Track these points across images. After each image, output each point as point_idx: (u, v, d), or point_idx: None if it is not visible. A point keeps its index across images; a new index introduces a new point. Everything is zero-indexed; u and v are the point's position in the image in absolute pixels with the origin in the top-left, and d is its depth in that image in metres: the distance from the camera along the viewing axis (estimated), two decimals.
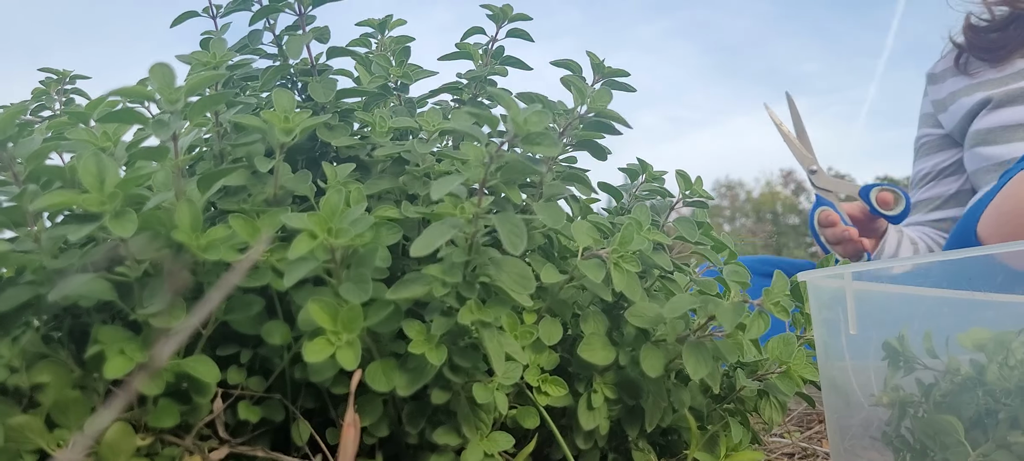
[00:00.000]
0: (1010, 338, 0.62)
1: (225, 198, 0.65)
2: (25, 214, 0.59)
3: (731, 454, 0.73)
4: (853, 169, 21.74)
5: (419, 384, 0.59)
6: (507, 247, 0.55)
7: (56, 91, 0.73)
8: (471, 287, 0.58)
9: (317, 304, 0.55)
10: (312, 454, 0.66)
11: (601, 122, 0.67)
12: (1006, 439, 0.60)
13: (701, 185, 0.73)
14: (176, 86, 0.55)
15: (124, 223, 0.51)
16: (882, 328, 0.67)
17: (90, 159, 0.52)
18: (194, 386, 0.60)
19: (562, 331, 0.67)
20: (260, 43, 0.74)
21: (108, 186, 0.52)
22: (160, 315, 0.54)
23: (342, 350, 0.55)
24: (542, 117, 0.55)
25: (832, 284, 0.69)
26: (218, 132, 0.69)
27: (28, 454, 0.58)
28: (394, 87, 0.76)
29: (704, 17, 46.20)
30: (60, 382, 0.59)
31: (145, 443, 0.61)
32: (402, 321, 0.59)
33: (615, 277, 0.62)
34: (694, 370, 0.65)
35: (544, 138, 0.55)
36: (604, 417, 0.67)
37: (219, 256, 0.55)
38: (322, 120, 0.67)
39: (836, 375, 0.70)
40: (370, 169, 0.73)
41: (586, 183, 0.72)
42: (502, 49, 0.79)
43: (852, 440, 0.69)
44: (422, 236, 0.55)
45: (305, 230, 0.54)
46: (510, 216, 0.57)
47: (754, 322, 0.68)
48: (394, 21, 0.84)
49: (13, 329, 0.61)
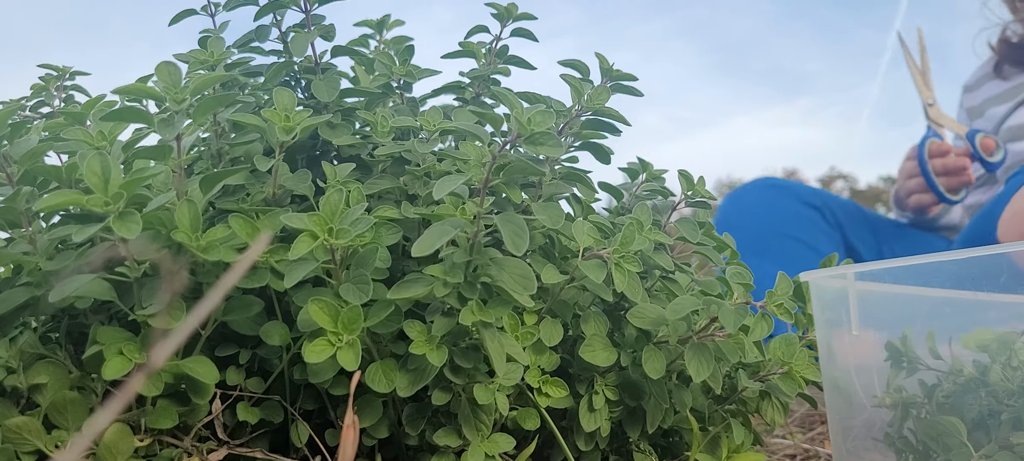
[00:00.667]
0: (1013, 338, 0.62)
1: (223, 197, 0.64)
2: (20, 215, 0.59)
3: (733, 455, 0.72)
4: (856, 169, 21.91)
5: (420, 385, 0.59)
6: (509, 247, 0.55)
7: (55, 88, 0.73)
8: (472, 288, 0.58)
9: (317, 305, 0.54)
10: (311, 455, 0.65)
11: (600, 121, 0.67)
12: (1009, 440, 0.59)
13: (703, 185, 0.73)
14: (181, 85, 0.55)
15: (129, 225, 0.50)
16: (885, 328, 0.67)
17: (94, 159, 0.51)
18: (193, 387, 0.59)
19: (563, 332, 0.67)
20: (267, 39, 0.74)
21: (112, 186, 0.51)
22: (159, 315, 0.54)
23: (342, 351, 0.54)
24: (546, 117, 0.55)
25: (834, 284, 0.68)
26: (216, 131, 0.69)
27: (26, 455, 0.58)
28: (397, 86, 0.76)
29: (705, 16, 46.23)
30: (58, 383, 0.59)
31: (143, 444, 0.60)
32: (403, 322, 0.58)
33: (616, 277, 0.62)
34: (697, 372, 0.64)
35: (547, 138, 0.55)
36: (605, 418, 0.67)
37: (218, 256, 0.55)
38: (324, 119, 0.67)
39: (838, 376, 0.70)
40: (371, 169, 0.72)
41: (587, 183, 0.71)
42: (506, 48, 0.78)
43: (855, 441, 0.68)
44: (423, 236, 0.55)
45: (305, 230, 0.54)
46: (512, 216, 0.56)
47: (757, 325, 0.68)
48: (392, 21, 0.84)
49: (11, 330, 0.61)
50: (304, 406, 0.66)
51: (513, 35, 0.78)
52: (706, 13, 46.44)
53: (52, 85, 0.73)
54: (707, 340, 0.67)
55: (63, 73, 0.74)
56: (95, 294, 0.55)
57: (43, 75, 0.73)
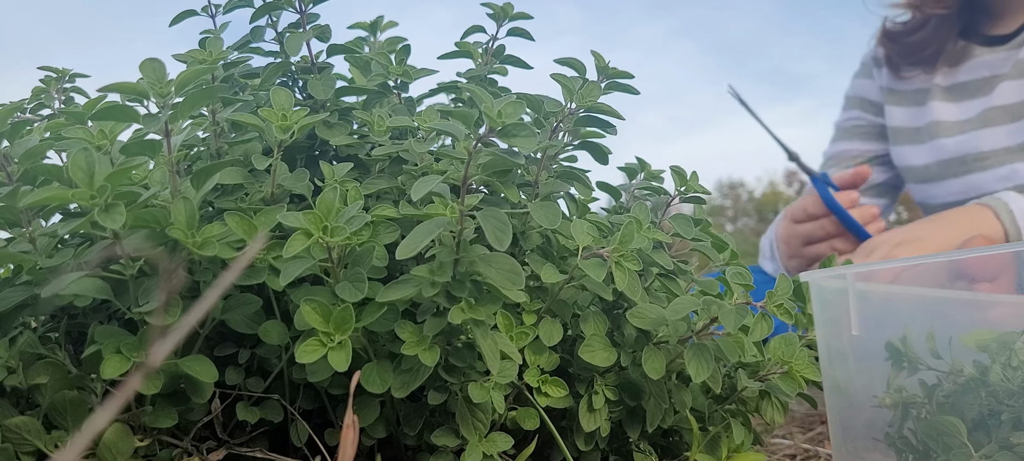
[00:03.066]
0: (1013, 339, 0.62)
1: (222, 196, 0.65)
2: (20, 214, 0.59)
3: (733, 455, 0.72)
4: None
5: (414, 385, 0.59)
6: (492, 242, 0.55)
7: (55, 89, 0.73)
8: (462, 286, 0.58)
9: (310, 304, 0.54)
10: (310, 455, 0.65)
11: (593, 117, 0.67)
12: (1009, 440, 0.59)
13: (697, 180, 0.72)
14: (166, 80, 0.55)
15: (113, 216, 0.50)
16: (885, 328, 0.67)
17: (79, 155, 0.51)
18: (192, 386, 0.60)
19: (562, 332, 0.67)
20: (262, 39, 0.74)
21: (97, 180, 0.51)
22: (156, 313, 0.54)
23: (334, 351, 0.54)
24: (516, 108, 0.55)
25: (834, 284, 0.68)
26: (215, 131, 0.69)
27: (26, 455, 0.58)
28: (394, 86, 0.76)
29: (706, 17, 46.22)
30: (57, 382, 0.59)
31: (143, 444, 0.61)
32: (396, 322, 0.58)
33: (616, 276, 0.62)
34: (696, 372, 0.64)
35: (520, 130, 0.54)
36: (605, 418, 0.67)
37: (215, 253, 0.55)
38: (320, 118, 0.67)
39: (838, 376, 0.69)
40: (368, 168, 0.72)
41: (585, 182, 0.71)
42: (503, 48, 0.78)
43: (855, 441, 0.68)
44: (408, 238, 0.55)
45: (300, 228, 0.54)
46: (494, 212, 0.56)
47: (757, 325, 0.67)
48: (386, 23, 0.84)
49: (10, 330, 0.61)
50: (303, 405, 0.66)
51: (510, 35, 0.78)
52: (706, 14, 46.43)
53: (52, 87, 0.74)
54: (707, 340, 0.67)
55: (63, 75, 0.74)
56: (89, 292, 0.55)
57: (43, 77, 0.74)
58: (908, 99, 1.60)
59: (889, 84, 1.63)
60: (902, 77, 1.60)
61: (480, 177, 0.59)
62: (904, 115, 1.60)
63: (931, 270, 0.68)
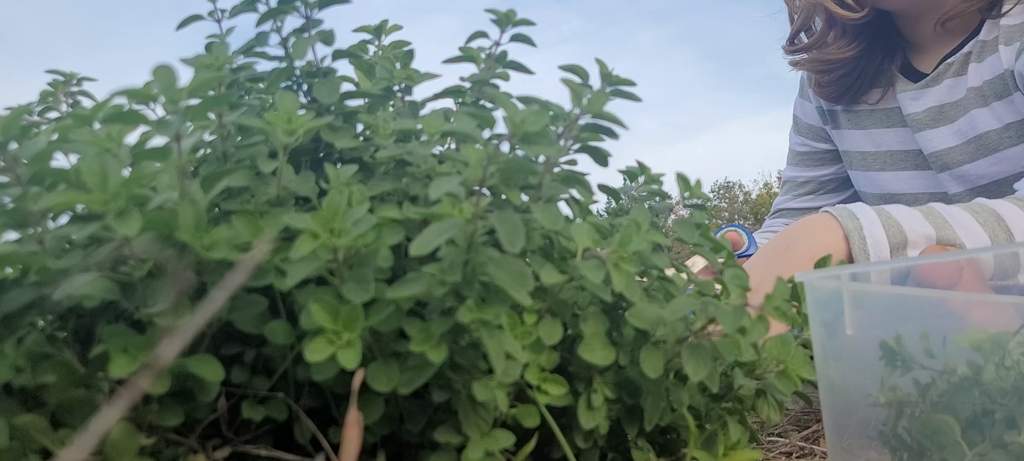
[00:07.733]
0: (1007, 338, 0.63)
1: (229, 199, 0.65)
2: (28, 215, 0.60)
3: (729, 453, 0.73)
4: None
5: (419, 382, 0.59)
6: (505, 245, 0.56)
7: (63, 93, 0.74)
8: (470, 286, 0.58)
9: (318, 304, 0.55)
10: (314, 453, 0.66)
11: (598, 125, 0.68)
12: (1003, 439, 0.60)
13: (700, 188, 0.74)
14: (179, 87, 0.56)
15: (128, 222, 0.51)
16: (879, 328, 0.68)
17: (94, 159, 0.52)
18: (198, 385, 0.60)
19: (562, 331, 0.68)
20: (267, 44, 0.75)
21: (112, 185, 0.52)
22: (164, 314, 0.55)
23: (343, 350, 0.55)
24: (540, 117, 0.56)
25: (829, 285, 0.69)
26: (222, 134, 0.70)
27: (33, 453, 0.58)
28: (398, 89, 0.77)
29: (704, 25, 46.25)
30: (65, 382, 0.60)
31: (149, 442, 0.61)
32: (403, 320, 0.59)
33: (615, 277, 0.63)
34: (694, 372, 0.65)
35: (541, 138, 0.55)
36: (604, 416, 0.68)
37: (222, 255, 0.55)
38: (325, 122, 0.67)
39: (834, 375, 0.70)
40: (373, 171, 0.73)
41: (586, 185, 0.72)
42: (505, 53, 0.79)
43: (850, 439, 0.69)
44: (422, 235, 0.56)
45: (307, 230, 0.54)
46: (508, 215, 0.57)
47: (754, 326, 0.68)
48: (390, 27, 0.85)
49: (18, 330, 0.62)
50: (308, 403, 0.67)
51: (512, 40, 0.79)
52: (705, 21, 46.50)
53: (60, 90, 0.75)
54: (704, 339, 0.67)
55: (70, 78, 0.75)
56: (99, 293, 0.56)
57: (51, 80, 0.74)
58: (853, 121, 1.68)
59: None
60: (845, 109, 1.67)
61: (490, 180, 0.60)
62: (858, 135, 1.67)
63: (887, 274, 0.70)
